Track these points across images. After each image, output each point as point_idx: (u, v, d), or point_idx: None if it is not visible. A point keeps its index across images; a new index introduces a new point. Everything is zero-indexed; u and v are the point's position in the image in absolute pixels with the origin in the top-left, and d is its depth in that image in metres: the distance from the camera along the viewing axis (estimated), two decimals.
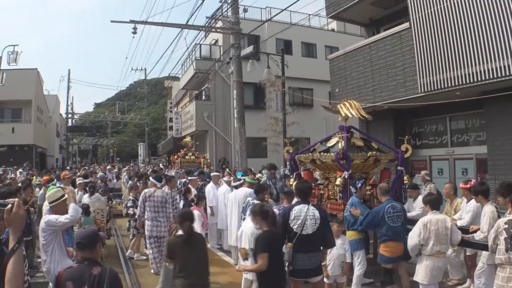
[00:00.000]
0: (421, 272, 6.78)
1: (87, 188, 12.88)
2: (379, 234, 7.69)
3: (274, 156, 24.72)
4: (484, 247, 6.75)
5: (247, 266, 6.10)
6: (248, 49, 17.17)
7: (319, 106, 27.66)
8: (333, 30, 34.43)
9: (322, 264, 6.58)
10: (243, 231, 7.43)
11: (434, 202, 6.95)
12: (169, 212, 10.07)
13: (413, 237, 6.83)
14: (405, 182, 9.58)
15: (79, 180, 13.54)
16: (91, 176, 19.08)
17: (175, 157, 22.55)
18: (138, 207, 10.34)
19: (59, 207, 6.44)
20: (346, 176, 8.87)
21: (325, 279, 7.15)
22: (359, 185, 8.45)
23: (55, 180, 13.65)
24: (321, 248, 6.42)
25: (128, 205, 12.04)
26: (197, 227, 8.48)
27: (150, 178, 11.58)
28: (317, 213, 6.21)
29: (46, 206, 6.91)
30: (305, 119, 25.75)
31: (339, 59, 17.81)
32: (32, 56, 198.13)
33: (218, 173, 13.99)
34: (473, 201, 8.17)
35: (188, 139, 24.33)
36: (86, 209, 11.14)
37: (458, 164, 15.16)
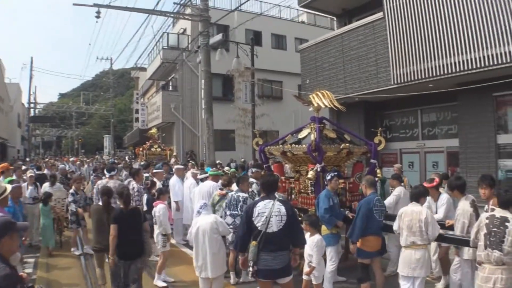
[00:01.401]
0: (400, 263, 6.64)
1: (37, 183, 12.15)
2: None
3: (242, 148, 24.44)
4: (461, 242, 6.73)
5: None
6: (217, 37, 16.75)
7: (289, 98, 27.84)
8: (303, 22, 34.25)
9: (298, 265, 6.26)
10: (200, 227, 6.89)
11: (412, 195, 6.83)
12: None
13: (394, 226, 6.84)
14: (378, 175, 9.25)
15: (30, 173, 12.59)
16: (49, 168, 18.38)
17: (140, 149, 21.93)
18: (94, 199, 10.42)
19: (3, 202, 6.11)
20: (319, 169, 8.50)
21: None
22: (329, 177, 8.16)
23: None
24: (290, 247, 6.00)
25: (69, 199, 11.34)
26: (164, 220, 8.36)
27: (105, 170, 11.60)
28: (283, 209, 5.77)
29: None
30: (274, 111, 25.50)
31: (310, 50, 17.56)
32: None
33: (181, 166, 13.49)
34: (445, 195, 8.18)
35: (154, 130, 23.69)
36: (45, 199, 11.15)
37: (429, 157, 15.15)
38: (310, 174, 8.55)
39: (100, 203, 7.89)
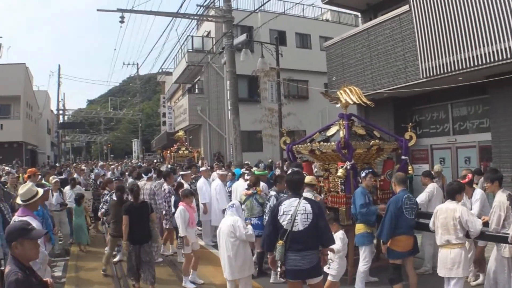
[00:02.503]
0: (438, 262, 6.56)
1: (61, 188, 12.01)
2: None
3: (269, 148, 24.41)
4: (499, 239, 6.50)
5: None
6: (241, 37, 16.67)
7: (315, 98, 27.65)
8: (327, 20, 33.97)
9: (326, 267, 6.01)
10: (220, 229, 7.06)
11: (449, 192, 6.65)
12: (159, 203, 11.08)
13: (430, 223, 6.78)
14: (409, 172, 9.12)
15: (54, 179, 12.08)
16: (79, 173, 18.52)
17: (168, 152, 22.01)
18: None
19: (33, 205, 6.13)
20: (348, 167, 8.36)
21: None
22: (363, 174, 8.08)
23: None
24: (320, 247, 5.82)
25: (103, 200, 11.44)
26: (179, 221, 8.49)
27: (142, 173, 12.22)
28: (308, 207, 5.60)
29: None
30: (300, 111, 25.22)
31: (336, 46, 17.37)
32: (24, 53, 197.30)
33: (207, 168, 13.44)
34: (478, 190, 8.08)
35: (181, 133, 23.80)
36: (79, 199, 11.91)
37: (461, 153, 14.77)
38: (340, 172, 8.39)
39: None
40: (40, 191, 6.25)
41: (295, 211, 5.60)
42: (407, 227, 6.95)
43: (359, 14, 21.24)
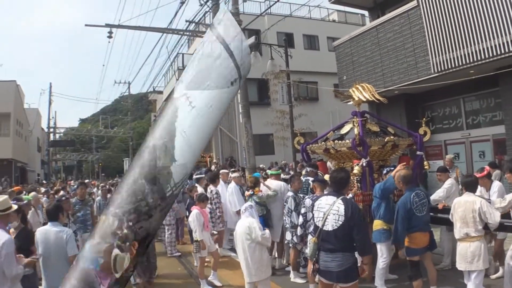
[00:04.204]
0: (457, 256, 6.75)
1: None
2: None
3: (281, 150, 25.24)
4: None
5: None
6: (250, 40, 16.99)
7: (325, 99, 28.40)
8: (334, 21, 34.59)
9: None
10: (237, 231, 7.26)
11: (468, 184, 6.93)
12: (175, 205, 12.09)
13: (449, 216, 7.03)
14: (425, 167, 9.51)
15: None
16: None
17: None
18: None
19: (5, 218, 6.03)
20: (364, 164, 8.66)
21: None
22: (385, 171, 8.56)
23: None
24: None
25: None
26: (194, 225, 8.97)
27: None
28: (342, 208, 5.54)
29: None
30: (311, 112, 25.87)
31: (345, 45, 17.87)
32: (16, 72, 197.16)
33: (226, 170, 13.95)
34: (496, 182, 8.38)
35: None
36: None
37: (475, 147, 15.18)
38: (356, 169, 8.67)
39: None
40: (14, 206, 6.29)
41: (328, 209, 5.64)
42: (421, 224, 7.11)
43: (366, 12, 21.82)
